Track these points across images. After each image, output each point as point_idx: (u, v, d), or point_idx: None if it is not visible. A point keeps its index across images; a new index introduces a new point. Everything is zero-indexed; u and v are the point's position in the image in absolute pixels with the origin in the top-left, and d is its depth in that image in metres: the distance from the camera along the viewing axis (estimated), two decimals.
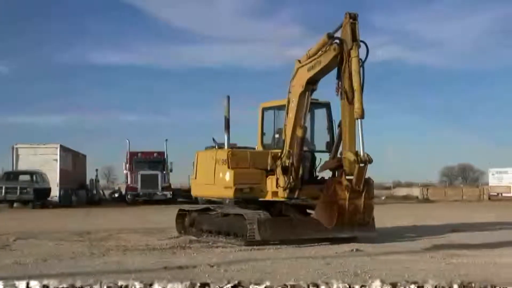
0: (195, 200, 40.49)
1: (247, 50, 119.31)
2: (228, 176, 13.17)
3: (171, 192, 40.70)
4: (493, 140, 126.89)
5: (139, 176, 40.05)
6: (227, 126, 14.37)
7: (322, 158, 13.69)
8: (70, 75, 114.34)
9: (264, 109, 14.28)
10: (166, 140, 43.40)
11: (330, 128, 13.95)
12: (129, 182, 41.27)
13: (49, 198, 34.92)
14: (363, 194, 10.43)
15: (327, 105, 14.00)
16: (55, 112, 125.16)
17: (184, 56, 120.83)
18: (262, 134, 14.29)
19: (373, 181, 10.78)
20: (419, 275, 8.61)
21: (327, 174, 12.79)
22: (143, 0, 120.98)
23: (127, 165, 41.49)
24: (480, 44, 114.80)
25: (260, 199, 13.29)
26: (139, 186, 39.93)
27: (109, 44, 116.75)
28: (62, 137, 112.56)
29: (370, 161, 10.36)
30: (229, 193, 13.24)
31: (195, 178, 15.14)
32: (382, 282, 7.26)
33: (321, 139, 14.17)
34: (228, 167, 13.19)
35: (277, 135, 13.72)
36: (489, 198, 54.30)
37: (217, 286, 7.13)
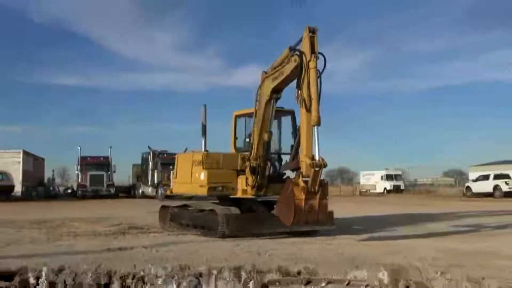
0: (133, 195, 40.43)
1: (180, 77, 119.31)
2: (203, 175, 11.98)
3: (114, 189, 40.20)
4: (365, 148, 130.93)
5: (88, 176, 39.37)
6: (204, 132, 13.58)
7: (287, 159, 12.47)
8: (36, 94, 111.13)
9: (237, 117, 13.02)
10: (111, 147, 42.76)
11: (294, 133, 12.61)
12: (80, 181, 40.31)
13: (13, 194, 34.13)
14: (318, 195, 9.57)
15: (292, 113, 12.71)
16: (21, 122, 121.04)
17: (130, 81, 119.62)
18: (235, 138, 13.02)
19: (327, 182, 10.02)
20: (307, 253, 8.76)
21: (291, 173, 11.83)
22: (92, 33, 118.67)
23: (79, 167, 40.55)
24: (360, 75, 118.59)
25: (231, 196, 12.21)
26: (88, 183, 39.19)
27: (68, 70, 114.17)
28: (26, 143, 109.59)
29: (324, 165, 9.43)
30: (204, 191, 11.98)
31: (175, 177, 13.83)
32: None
33: (286, 142, 12.93)
34: (203, 168, 12.08)
35: (247, 139, 12.63)
36: (360, 194, 55.92)
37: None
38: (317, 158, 9.44)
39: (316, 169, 9.35)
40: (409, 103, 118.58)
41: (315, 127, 9.44)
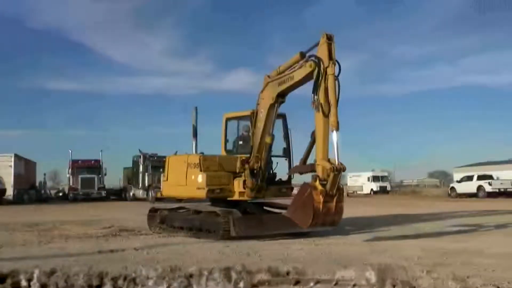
0: (124, 198, 40.26)
1: (172, 81, 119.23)
2: (200, 178, 11.59)
3: (105, 192, 40.06)
4: (352, 150, 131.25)
5: (79, 179, 39.28)
6: (195, 134, 13.17)
7: (278, 162, 12.41)
8: (31, 98, 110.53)
9: (228, 119, 12.67)
10: (102, 150, 42.84)
11: (286, 136, 12.44)
12: (71, 184, 40.24)
13: (4, 197, 33.74)
14: (335, 198, 9.46)
15: (283, 116, 12.39)
16: (13, 127, 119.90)
17: (123, 85, 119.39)
18: (226, 141, 12.68)
19: (343, 186, 9.77)
20: (296, 253, 8.77)
21: (283, 176, 12.23)
22: (87, 39, 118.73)
23: (70, 170, 40.56)
24: (348, 80, 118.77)
25: (228, 199, 11.75)
26: (79, 187, 39.09)
27: (64, 75, 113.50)
28: (18, 147, 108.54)
29: (344, 169, 9.30)
30: (202, 194, 11.59)
31: (166, 180, 13.26)
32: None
33: (277, 145, 12.41)
34: (200, 170, 11.59)
35: (240, 142, 12.41)
36: (347, 195, 55.91)
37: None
38: (337, 162, 9.32)
39: (336, 173, 9.26)
40: (395, 107, 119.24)
41: (334, 132, 9.31)
